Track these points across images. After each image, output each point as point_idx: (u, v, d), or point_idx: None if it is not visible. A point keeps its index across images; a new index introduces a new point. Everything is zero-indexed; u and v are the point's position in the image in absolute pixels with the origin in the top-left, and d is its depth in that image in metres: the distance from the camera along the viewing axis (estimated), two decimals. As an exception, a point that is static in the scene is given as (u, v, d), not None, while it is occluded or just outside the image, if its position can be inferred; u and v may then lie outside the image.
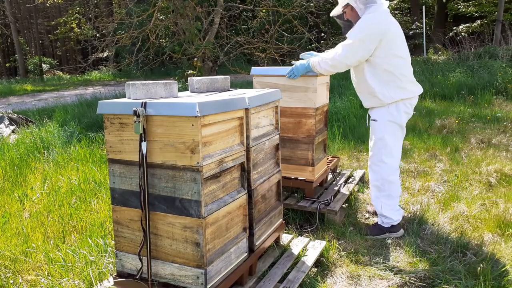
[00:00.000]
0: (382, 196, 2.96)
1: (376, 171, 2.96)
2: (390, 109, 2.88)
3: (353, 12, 2.87)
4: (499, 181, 3.92)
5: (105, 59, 24.10)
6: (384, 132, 2.90)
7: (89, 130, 6.54)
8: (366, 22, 2.74)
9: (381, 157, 2.92)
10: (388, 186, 2.94)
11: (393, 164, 2.94)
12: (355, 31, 2.77)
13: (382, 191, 2.96)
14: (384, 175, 2.93)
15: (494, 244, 2.81)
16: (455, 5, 19.23)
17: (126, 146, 1.91)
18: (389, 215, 2.94)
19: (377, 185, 2.97)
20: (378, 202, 2.99)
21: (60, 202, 3.59)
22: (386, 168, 2.92)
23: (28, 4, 23.19)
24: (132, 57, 8.99)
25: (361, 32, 2.73)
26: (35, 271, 2.59)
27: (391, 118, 2.88)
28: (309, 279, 2.42)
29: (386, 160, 2.92)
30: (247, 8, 9.30)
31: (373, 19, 2.74)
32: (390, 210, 2.95)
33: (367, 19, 2.75)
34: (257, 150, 2.25)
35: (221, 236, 1.97)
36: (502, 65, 9.98)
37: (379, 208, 2.98)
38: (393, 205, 2.96)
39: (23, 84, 18.08)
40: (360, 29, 2.74)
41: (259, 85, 3.30)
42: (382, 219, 2.99)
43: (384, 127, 2.90)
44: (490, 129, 5.93)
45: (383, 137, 2.90)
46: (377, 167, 2.95)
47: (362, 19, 2.77)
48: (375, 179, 2.99)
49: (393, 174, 2.94)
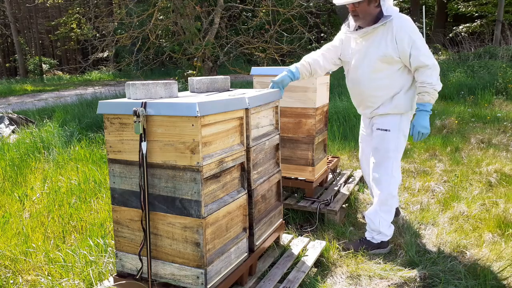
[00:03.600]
0: (382, 211, 2.75)
1: (386, 185, 2.72)
2: (403, 118, 2.69)
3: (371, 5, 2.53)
4: (499, 181, 3.92)
5: (105, 59, 24.10)
6: (398, 145, 2.69)
7: (89, 130, 6.54)
8: (413, 26, 2.52)
9: (391, 171, 2.71)
10: (391, 201, 2.75)
11: (399, 177, 2.78)
12: (419, 45, 2.51)
13: (384, 205, 2.75)
14: (391, 190, 2.73)
15: (494, 244, 2.81)
16: (455, 5, 19.23)
17: (126, 146, 1.91)
18: (384, 231, 2.77)
19: (382, 199, 2.74)
20: (376, 217, 2.77)
21: (60, 202, 3.59)
22: (394, 183, 2.73)
23: (28, 4, 23.19)
24: (132, 57, 8.99)
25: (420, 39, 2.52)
26: (35, 271, 2.59)
27: (403, 129, 2.70)
28: (309, 279, 2.42)
29: (395, 175, 2.72)
30: (247, 8, 9.30)
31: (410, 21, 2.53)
32: (386, 225, 2.77)
33: (409, 22, 2.52)
34: (257, 150, 2.25)
35: (221, 236, 1.97)
36: (502, 65, 9.98)
37: (377, 223, 2.76)
38: (389, 220, 2.79)
39: (23, 84, 18.07)
40: (419, 38, 2.52)
41: (259, 85, 3.30)
42: (373, 235, 2.79)
43: (398, 139, 2.69)
44: (490, 129, 5.93)
45: (397, 149, 2.70)
46: (387, 182, 2.72)
47: (408, 26, 2.51)
48: (382, 193, 2.74)
49: (396, 189, 2.78)
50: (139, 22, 9.07)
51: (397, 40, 2.53)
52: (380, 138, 2.72)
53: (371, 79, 2.67)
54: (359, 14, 2.57)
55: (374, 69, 2.64)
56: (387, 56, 2.57)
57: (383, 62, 2.60)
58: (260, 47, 9.39)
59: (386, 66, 2.61)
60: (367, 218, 2.84)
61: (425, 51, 2.51)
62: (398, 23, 2.53)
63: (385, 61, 2.59)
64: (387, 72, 2.62)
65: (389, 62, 2.59)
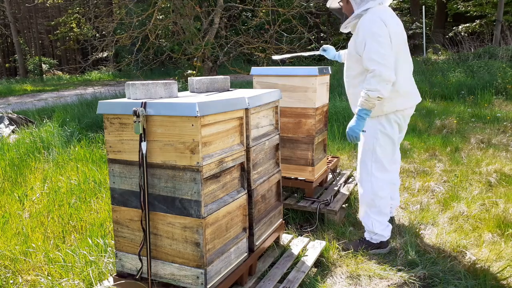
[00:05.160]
0: (373, 212, 2.74)
1: (367, 186, 2.73)
2: (380, 119, 2.64)
3: (348, 4, 2.63)
4: (499, 181, 3.92)
5: (105, 59, 24.10)
6: (375, 144, 2.66)
7: (89, 130, 6.54)
8: (371, 26, 2.45)
9: (372, 171, 2.70)
10: (379, 202, 2.71)
11: (385, 178, 2.72)
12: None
13: (372, 207, 2.73)
14: (375, 190, 2.70)
15: (494, 244, 2.81)
16: (454, 5, 19.24)
17: (126, 146, 1.91)
18: (380, 232, 2.74)
19: (367, 201, 2.74)
20: (368, 220, 2.76)
21: (60, 202, 3.59)
22: (377, 182, 2.69)
23: (28, 4, 23.19)
24: (132, 57, 8.99)
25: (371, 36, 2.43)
26: (35, 271, 2.59)
27: (382, 128, 2.65)
28: (309, 279, 2.42)
29: (376, 174, 2.69)
30: (247, 8, 9.30)
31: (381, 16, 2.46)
32: (381, 226, 2.74)
33: (367, 22, 2.47)
34: (257, 150, 2.25)
35: (221, 236, 1.97)
36: (502, 65, 9.99)
37: (370, 226, 2.76)
38: (384, 221, 2.76)
39: (23, 84, 18.07)
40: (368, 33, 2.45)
41: (259, 85, 3.30)
42: (372, 236, 2.77)
43: (375, 139, 2.66)
44: (490, 129, 5.93)
45: (374, 149, 2.67)
46: (368, 183, 2.72)
47: (365, 26, 2.47)
48: (366, 194, 2.75)
49: (383, 189, 2.72)
50: (139, 22, 9.07)
51: (357, 39, 2.55)
52: (361, 139, 2.72)
53: (346, 75, 2.75)
54: (345, 13, 2.69)
55: (348, 67, 2.72)
56: (354, 54, 2.59)
57: (353, 61, 2.63)
58: (260, 47, 9.39)
59: (355, 64, 2.62)
60: (362, 221, 2.87)
61: (372, 55, 2.42)
62: (360, 22, 2.54)
63: (354, 59, 2.61)
64: (357, 70, 2.62)
65: (357, 60, 2.59)
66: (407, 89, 2.66)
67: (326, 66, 3.48)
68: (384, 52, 2.42)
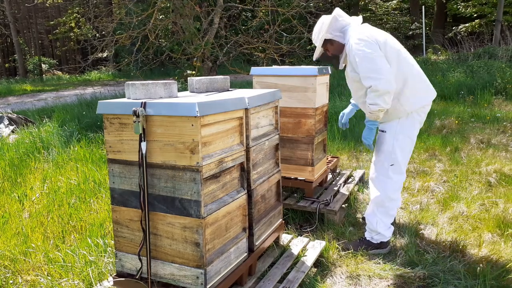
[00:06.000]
0: (380, 212, 2.75)
1: (381, 186, 2.73)
2: (402, 120, 2.66)
3: (334, 45, 2.69)
4: (498, 181, 3.92)
5: (105, 59, 24.09)
6: (395, 146, 2.66)
7: (88, 130, 6.53)
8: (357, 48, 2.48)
9: (388, 173, 2.69)
10: (389, 203, 2.73)
11: (399, 180, 2.72)
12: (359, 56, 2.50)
13: (380, 207, 2.74)
14: (388, 192, 2.70)
15: (494, 244, 2.81)
16: (454, 5, 19.24)
17: (125, 146, 1.91)
18: (383, 231, 2.75)
19: (378, 201, 2.74)
20: (373, 218, 2.77)
21: (60, 202, 3.59)
22: (391, 184, 2.70)
23: (27, 4, 23.16)
24: (131, 57, 8.98)
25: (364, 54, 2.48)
26: (34, 271, 2.59)
27: (403, 130, 2.66)
28: (308, 279, 2.42)
29: (393, 176, 2.69)
30: (247, 8, 9.30)
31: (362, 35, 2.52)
32: (384, 226, 2.76)
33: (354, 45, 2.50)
34: (256, 150, 2.25)
35: (221, 236, 1.97)
36: (501, 65, 9.99)
37: (374, 224, 2.76)
38: (387, 222, 2.77)
39: (22, 84, 18.06)
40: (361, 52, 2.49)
41: (259, 85, 3.30)
42: (373, 235, 2.79)
43: (395, 140, 2.66)
44: (490, 129, 5.93)
45: (393, 151, 2.67)
46: (382, 183, 2.72)
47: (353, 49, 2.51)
48: (378, 194, 2.74)
49: (396, 191, 2.73)
50: (139, 22, 9.06)
51: (351, 59, 2.60)
52: (379, 139, 2.76)
53: (356, 98, 2.79)
54: (335, 54, 2.75)
55: (355, 90, 2.75)
56: (355, 75, 2.62)
57: (356, 80, 2.64)
58: (260, 47, 9.39)
59: (358, 84, 2.63)
60: (366, 218, 2.86)
61: (365, 73, 2.48)
62: (347, 48, 2.61)
63: (357, 79, 2.61)
64: (363, 88, 2.61)
65: (359, 79, 2.60)
66: (422, 86, 2.68)
67: (326, 66, 3.48)
68: (375, 67, 2.46)
